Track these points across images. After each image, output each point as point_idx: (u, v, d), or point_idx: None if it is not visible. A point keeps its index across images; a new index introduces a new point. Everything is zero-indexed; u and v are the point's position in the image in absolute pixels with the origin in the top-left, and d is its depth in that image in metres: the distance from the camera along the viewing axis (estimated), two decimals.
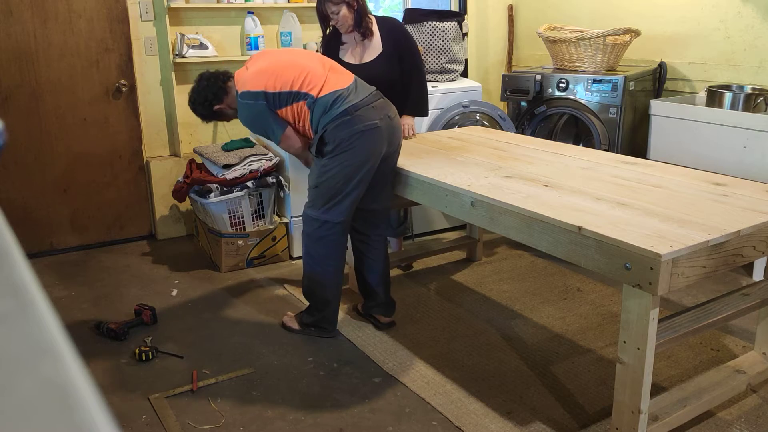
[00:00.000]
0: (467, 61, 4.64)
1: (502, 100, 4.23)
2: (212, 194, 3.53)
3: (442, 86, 4.01)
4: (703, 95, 3.65)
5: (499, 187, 2.37)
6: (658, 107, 3.66)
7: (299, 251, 3.69)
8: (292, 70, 2.64)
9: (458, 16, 4.25)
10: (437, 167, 2.69)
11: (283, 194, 3.76)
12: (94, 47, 3.84)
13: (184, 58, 3.95)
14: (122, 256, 3.91)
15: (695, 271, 1.83)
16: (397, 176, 2.78)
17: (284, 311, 3.08)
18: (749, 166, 3.23)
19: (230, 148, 3.75)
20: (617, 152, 3.60)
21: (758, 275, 3.24)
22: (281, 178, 3.70)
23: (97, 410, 0.34)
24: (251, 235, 3.63)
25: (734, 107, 3.41)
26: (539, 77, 3.93)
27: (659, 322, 1.93)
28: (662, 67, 4.00)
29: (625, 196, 2.23)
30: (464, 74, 4.47)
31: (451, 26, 4.08)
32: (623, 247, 1.81)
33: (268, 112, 2.66)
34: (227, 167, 3.58)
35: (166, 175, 4.09)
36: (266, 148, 3.85)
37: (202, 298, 3.30)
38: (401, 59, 3.22)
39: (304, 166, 2.96)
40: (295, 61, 2.69)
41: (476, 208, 2.35)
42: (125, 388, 2.51)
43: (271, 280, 3.50)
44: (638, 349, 1.86)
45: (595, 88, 3.73)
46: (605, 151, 3.49)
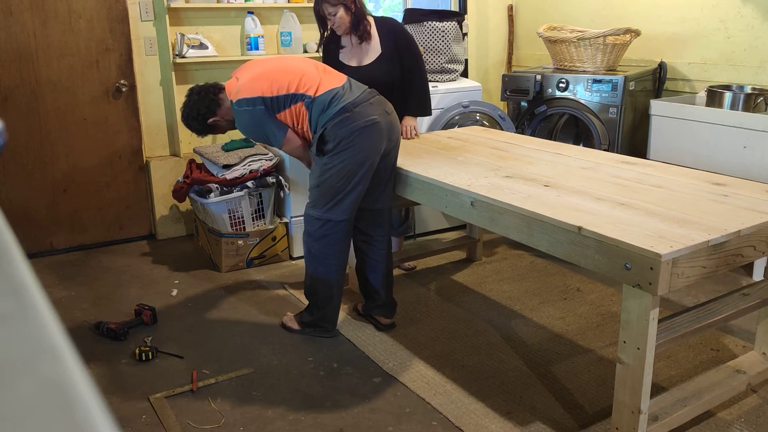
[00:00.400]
0: (467, 61, 4.64)
1: (502, 100, 4.23)
2: (212, 194, 3.53)
3: (442, 86, 4.01)
4: (703, 95, 3.66)
5: (499, 187, 2.37)
6: (658, 107, 3.66)
7: (299, 251, 3.69)
8: (285, 73, 2.65)
9: (458, 16, 4.25)
10: (437, 167, 2.69)
11: (283, 194, 3.76)
12: (94, 47, 3.84)
13: (184, 58, 3.95)
14: (122, 256, 3.92)
15: (695, 271, 1.83)
16: (397, 176, 2.78)
17: (284, 311, 3.08)
18: (749, 166, 3.23)
19: (230, 148, 3.76)
20: (617, 152, 3.60)
21: (758, 275, 3.24)
22: (281, 178, 3.70)
23: (97, 410, 0.34)
24: (251, 235, 3.63)
25: (734, 107, 3.41)
26: (539, 77, 3.93)
27: (659, 322, 1.93)
28: (662, 67, 4.00)
29: (625, 196, 2.23)
30: (464, 74, 4.47)
31: (451, 26, 4.08)
32: (623, 247, 1.81)
33: (267, 116, 2.65)
34: (227, 167, 3.58)
35: (166, 175, 4.09)
36: (266, 148, 3.85)
37: (202, 298, 3.30)
38: (401, 60, 3.21)
39: (304, 166, 2.96)
40: (287, 65, 2.71)
41: (476, 208, 2.35)
42: (125, 388, 2.51)
43: (271, 280, 3.50)
44: (638, 349, 1.86)
45: (595, 88, 3.73)
46: (605, 151, 3.49)
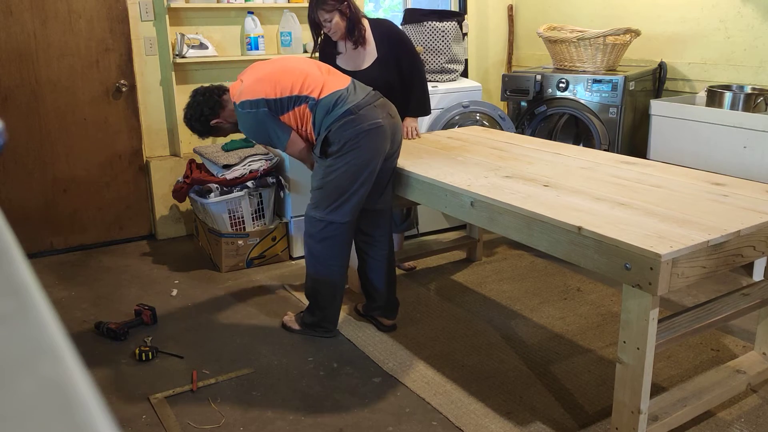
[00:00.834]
0: (467, 61, 4.64)
1: (502, 100, 4.23)
2: (212, 194, 3.53)
3: (442, 86, 4.01)
4: (703, 95, 3.66)
5: (498, 187, 2.37)
6: (658, 107, 3.66)
7: (299, 251, 3.70)
8: (289, 75, 2.65)
9: (458, 16, 4.25)
10: (437, 167, 2.70)
11: (283, 194, 3.76)
12: (94, 47, 3.84)
13: (184, 58, 3.95)
14: (122, 256, 3.92)
15: (695, 271, 1.83)
16: (397, 176, 2.78)
17: (284, 311, 3.08)
18: (749, 166, 3.23)
19: (230, 148, 3.76)
20: (617, 152, 3.61)
21: (758, 275, 3.24)
22: (281, 178, 3.70)
23: (97, 410, 0.34)
24: (251, 235, 3.64)
25: (734, 107, 3.41)
26: (539, 77, 3.93)
27: (659, 322, 1.93)
28: (662, 67, 4.00)
29: (624, 196, 2.23)
30: (464, 74, 4.47)
31: (451, 26, 4.08)
32: (623, 247, 1.81)
33: (270, 118, 2.64)
34: (227, 167, 3.58)
35: (166, 175, 4.09)
36: (266, 148, 3.85)
37: (202, 298, 3.30)
38: (399, 61, 3.20)
39: (305, 166, 2.96)
40: (291, 66, 2.70)
41: (476, 208, 2.35)
42: (125, 388, 2.51)
43: (271, 280, 3.50)
44: (638, 349, 1.86)
45: (595, 88, 3.73)
46: (605, 151, 3.49)
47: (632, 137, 3.82)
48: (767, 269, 2.39)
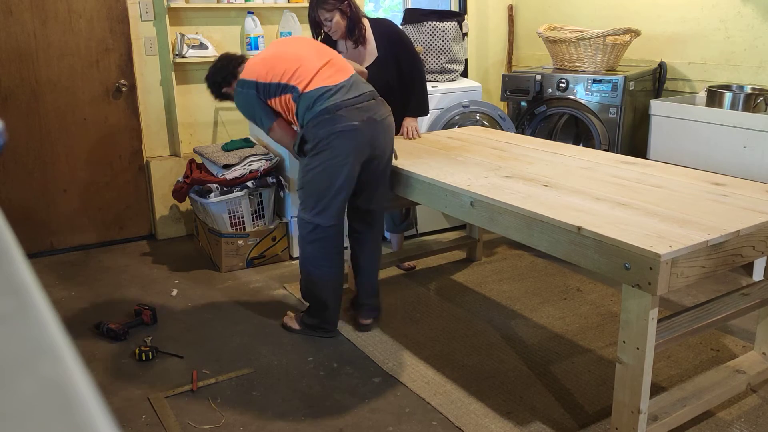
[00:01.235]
0: (467, 61, 4.64)
1: (502, 100, 4.23)
2: (212, 194, 3.53)
3: (442, 86, 4.01)
4: (703, 95, 3.66)
5: (498, 187, 2.37)
6: (658, 107, 3.66)
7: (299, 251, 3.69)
8: (287, 62, 2.62)
9: (458, 16, 4.25)
10: (437, 167, 2.69)
11: (283, 194, 3.76)
12: (94, 47, 3.84)
13: (184, 58, 3.95)
14: (122, 256, 3.92)
15: (694, 271, 1.83)
16: (397, 176, 2.78)
17: (284, 311, 3.08)
18: (749, 166, 3.23)
19: (230, 148, 3.75)
20: (617, 152, 3.61)
21: (758, 275, 3.24)
22: (281, 178, 3.70)
23: (97, 410, 0.34)
24: (251, 235, 3.64)
25: (734, 107, 3.41)
26: (539, 77, 3.93)
27: (659, 322, 1.93)
28: (662, 67, 4.00)
29: (624, 196, 2.23)
30: (464, 74, 4.47)
31: (451, 26, 4.08)
32: (623, 247, 1.81)
33: (257, 101, 2.66)
34: (227, 167, 3.58)
35: (166, 175, 4.09)
36: (266, 147, 3.85)
37: (202, 298, 3.30)
38: (398, 61, 3.20)
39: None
40: (295, 52, 2.66)
41: (476, 208, 2.35)
42: (125, 388, 2.51)
43: (271, 280, 3.50)
44: (638, 349, 1.86)
45: (595, 88, 3.73)
46: (605, 151, 3.49)
47: (632, 137, 3.82)
48: (767, 269, 2.39)
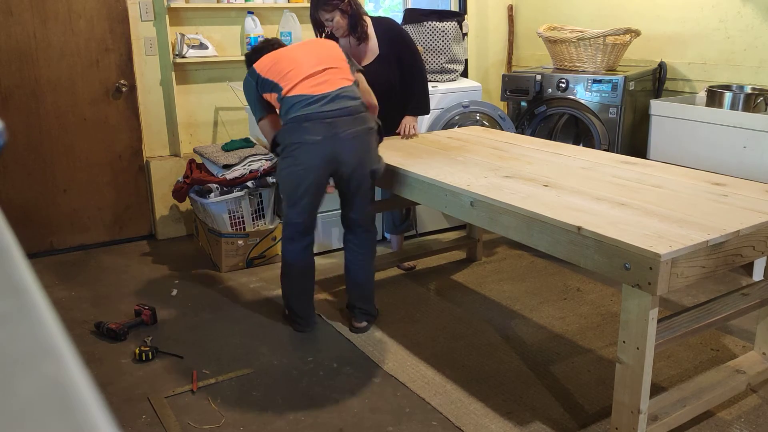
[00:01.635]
0: (467, 61, 4.64)
1: (502, 100, 4.23)
2: (212, 194, 3.53)
3: (442, 86, 4.01)
4: (703, 95, 3.66)
5: (498, 187, 2.37)
6: (658, 107, 3.66)
7: None
8: (287, 62, 2.67)
9: (458, 16, 4.25)
10: (437, 167, 2.69)
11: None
12: (94, 47, 3.84)
13: (184, 58, 3.95)
14: (122, 256, 3.92)
15: (694, 271, 1.83)
16: (397, 176, 2.78)
17: (284, 311, 3.08)
18: (749, 166, 3.23)
19: (230, 148, 3.75)
20: (617, 152, 3.61)
21: (758, 275, 3.24)
22: None
23: (97, 410, 0.34)
24: (251, 235, 3.64)
25: (734, 107, 3.41)
26: (539, 77, 3.93)
27: (659, 322, 1.93)
28: (662, 67, 4.00)
29: (624, 196, 2.23)
30: (464, 74, 4.47)
31: (451, 26, 4.08)
32: (622, 247, 1.81)
33: (254, 92, 2.74)
34: (227, 167, 3.58)
35: (166, 175, 4.09)
36: (266, 147, 3.85)
37: (202, 298, 3.30)
38: (400, 59, 3.21)
39: None
40: (298, 55, 2.69)
41: (476, 208, 2.35)
42: (125, 388, 2.51)
43: (271, 280, 3.50)
44: (638, 349, 1.86)
45: (595, 88, 3.73)
46: (605, 151, 3.49)
47: (632, 137, 3.82)
48: (767, 269, 2.39)
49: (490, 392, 2.43)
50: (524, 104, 4.05)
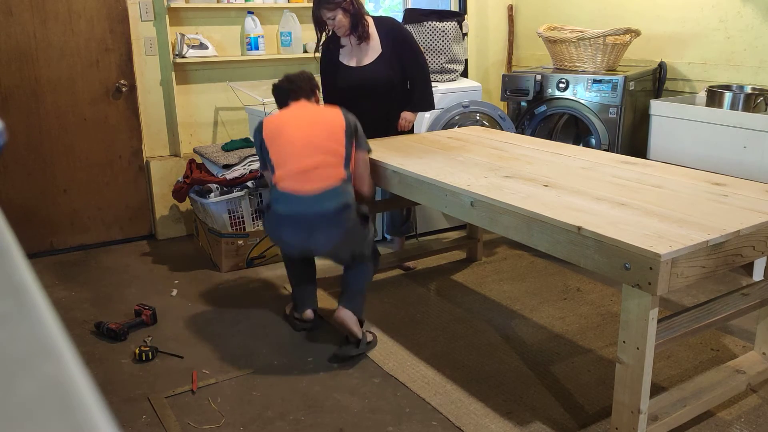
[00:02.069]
0: (467, 61, 4.64)
1: (502, 100, 4.23)
2: (212, 194, 3.53)
3: (442, 86, 4.01)
4: (703, 95, 3.66)
5: (498, 187, 2.37)
6: (658, 107, 3.66)
7: None
8: (288, 144, 2.67)
9: (458, 16, 4.25)
10: (437, 167, 2.69)
11: None
12: (94, 47, 3.84)
13: (184, 58, 3.95)
14: (122, 256, 3.92)
15: (695, 271, 1.83)
16: (397, 176, 2.78)
17: (284, 311, 3.08)
18: (749, 166, 3.23)
19: (230, 148, 3.76)
20: (617, 152, 3.61)
21: (758, 275, 3.24)
22: None
23: (97, 410, 0.34)
24: (251, 235, 3.64)
25: (734, 107, 3.41)
26: (539, 77, 3.93)
27: (659, 322, 1.93)
28: (662, 67, 4.00)
29: (624, 196, 2.23)
30: (464, 74, 4.47)
31: (451, 26, 4.08)
32: (623, 247, 1.81)
33: (259, 146, 2.77)
34: (227, 167, 3.58)
35: (166, 175, 4.09)
36: None
37: (202, 298, 3.30)
38: (401, 58, 3.22)
39: None
40: (298, 138, 2.67)
41: (476, 208, 2.35)
42: (125, 388, 2.51)
43: (271, 280, 3.50)
44: (638, 349, 1.86)
45: (595, 88, 3.73)
46: (605, 151, 3.49)
47: (632, 137, 3.82)
48: (767, 269, 2.39)
49: (490, 392, 2.43)
50: (524, 104, 4.05)
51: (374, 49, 3.21)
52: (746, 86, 3.58)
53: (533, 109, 3.99)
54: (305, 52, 4.30)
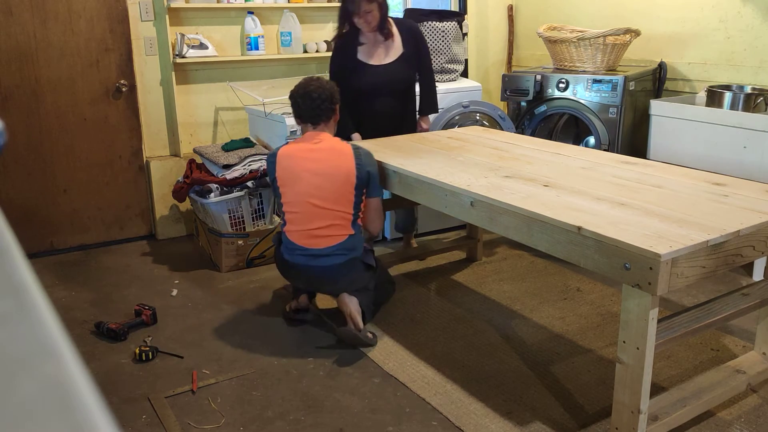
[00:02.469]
0: (467, 61, 4.64)
1: (502, 100, 4.23)
2: (212, 194, 3.53)
3: (442, 86, 4.01)
4: (703, 95, 3.65)
5: (498, 187, 2.37)
6: (658, 107, 3.66)
7: None
8: (301, 206, 2.74)
9: (458, 16, 4.25)
10: (437, 167, 2.69)
11: None
12: (94, 47, 3.84)
13: (184, 58, 3.95)
14: (122, 256, 3.91)
15: (695, 271, 1.83)
16: (397, 176, 2.78)
17: (284, 310, 3.08)
18: (749, 165, 3.23)
19: (230, 148, 3.75)
20: (617, 152, 3.60)
21: (758, 275, 3.24)
22: None
23: (97, 410, 0.34)
24: (251, 235, 3.63)
25: (734, 107, 3.41)
26: (539, 77, 3.93)
27: (659, 322, 1.93)
28: (662, 67, 3.99)
29: (624, 196, 2.23)
30: (464, 74, 4.47)
31: (451, 26, 4.08)
32: (623, 247, 1.81)
33: (272, 180, 2.84)
34: (227, 167, 3.58)
35: (166, 175, 4.09)
36: (266, 148, 3.85)
37: (202, 298, 3.30)
38: (420, 58, 3.34)
39: None
40: (311, 187, 2.73)
41: (476, 208, 2.35)
42: (125, 388, 2.51)
43: (271, 280, 3.50)
44: (638, 349, 1.86)
45: (595, 88, 3.72)
46: (605, 151, 3.49)
47: (632, 137, 3.82)
48: (767, 269, 2.39)
49: (490, 392, 2.43)
50: (524, 104, 4.05)
51: (396, 48, 3.28)
52: (746, 86, 3.58)
53: (533, 109, 3.99)
54: (305, 52, 4.30)
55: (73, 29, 3.77)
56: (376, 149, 2.99)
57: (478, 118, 3.97)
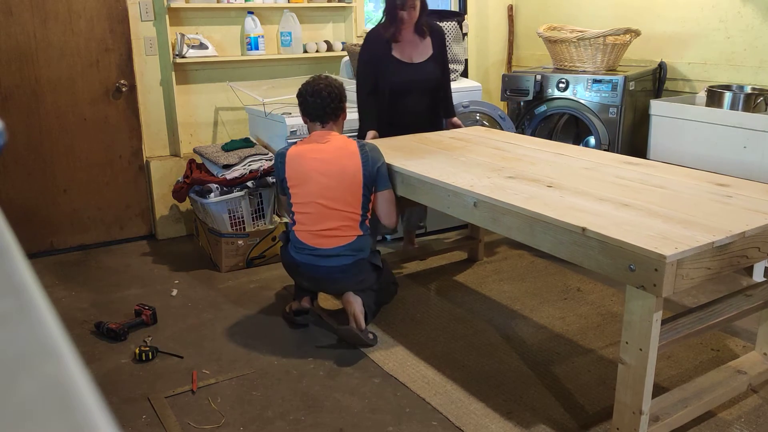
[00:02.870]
0: (467, 61, 4.64)
1: (502, 100, 4.23)
2: (212, 194, 3.53)
3: None
4: (703, 95, 3.65)
5: (501, 187, 2.36)
6: (658, 107, 3.66)
7: None
8: (310, 206, 2.76)
9: (458, 16, 4.25)
10: (439, 168, 2.69)
11: None
12: (94, 47, 3.84)
13: (184, 58, 3.95)
14: (122, 256, 3.91)
15: (700, 272, 1.82)
16: (399, 176, 2.78)
17: (284, 310, 3.08)
18: (749, 166, 3.23)
19: (230, 148, 3.75)
20: (617, 152, 3.60)
21: (758, 276, 3.24)
22: None
23: (97, 410, 0.34)
24: (251, 235, 3.63)
25: (734, 107, 3.41)
26: (539, 77, 3.93)
27: (662, 323, 1.92)
28: (662, 67, 3.99)
29: (628, 196, 2.23)
30: (464, 74, 4.47)
31: (451, 26, 4.08)
32: (627, 248, 1.80)
33: (279, 175, 2.85)
34: (227, 167, 3.58)
35: (166, 175, 4.09)
36: (266, 148, 3.84)
37: (202, 298, 3.30)
38: (443, 61, 3.41)
39: None
40: (321, 188, 2.74)
41: (479, 208, 2.34)
42: (125, 388, 2.50)
43: (271, 280, 3.50)
44: (641, 350, 1.86)
45: (595, 88, 3.72)
46: (605, 150, 3.49)
47: (632, 137, 3.82)
48: (767, 270, 2.39)
49: (490, 392, 2.43)
50: (524, 104, 4.05)
51: (427, 48, 3.35)
52: (746, 86, 3.58)
53: (533, 109, 3.99)
54: (305, 52, 4.30)
55: (73, 29, 3.76)
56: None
57: (478, 118, 3.97)
